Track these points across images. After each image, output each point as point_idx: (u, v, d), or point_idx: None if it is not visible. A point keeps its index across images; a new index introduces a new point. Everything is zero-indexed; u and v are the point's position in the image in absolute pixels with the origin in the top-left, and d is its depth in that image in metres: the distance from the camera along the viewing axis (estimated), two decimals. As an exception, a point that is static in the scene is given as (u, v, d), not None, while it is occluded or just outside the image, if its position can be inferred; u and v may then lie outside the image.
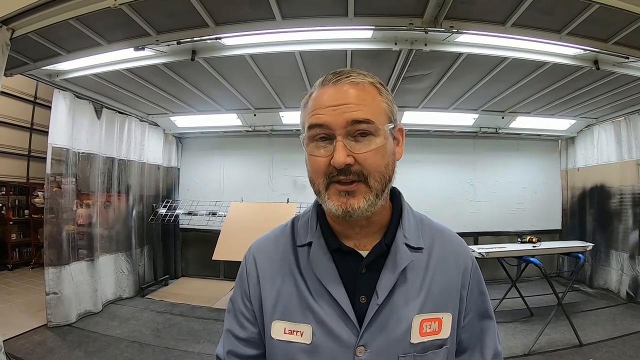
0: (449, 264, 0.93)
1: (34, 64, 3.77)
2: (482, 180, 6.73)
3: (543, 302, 5.09)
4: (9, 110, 6.71)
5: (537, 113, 5.65)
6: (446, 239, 0.98)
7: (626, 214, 5.52)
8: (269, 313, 0.91)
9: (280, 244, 0.97)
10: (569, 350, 3.95)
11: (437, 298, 0.89)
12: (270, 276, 0.94)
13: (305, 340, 0.87)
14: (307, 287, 0.90)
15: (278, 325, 0.90)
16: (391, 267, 0.88)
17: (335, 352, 0.85)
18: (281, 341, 0.89)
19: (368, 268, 0.89)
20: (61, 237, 4.59)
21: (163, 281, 6.53)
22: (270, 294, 0.92)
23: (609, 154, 5.85)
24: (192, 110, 5.75)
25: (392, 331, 0.85)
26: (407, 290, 0.88)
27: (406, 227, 0.92)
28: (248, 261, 0.98)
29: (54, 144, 4.50)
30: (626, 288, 5.41)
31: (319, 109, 0.82)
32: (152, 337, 4.27)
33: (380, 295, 0.86)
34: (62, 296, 4.48)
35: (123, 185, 5.70)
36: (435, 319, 0.88)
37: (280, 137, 6.61)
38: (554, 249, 4.76)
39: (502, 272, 5.01)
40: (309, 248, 0.92)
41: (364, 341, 0.85)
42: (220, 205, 6.26)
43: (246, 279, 0.96)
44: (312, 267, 0.90)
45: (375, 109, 0.83)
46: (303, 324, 0.88)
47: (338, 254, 0.90)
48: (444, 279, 0.91)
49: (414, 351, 0.86)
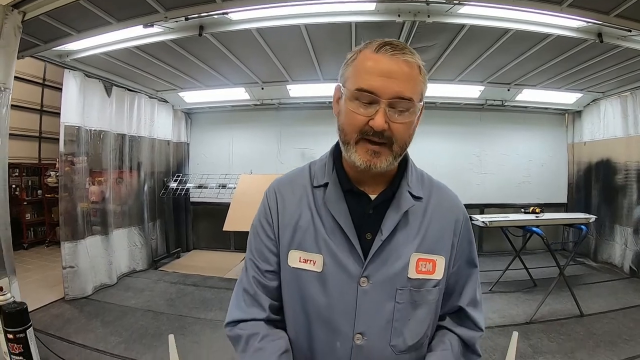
0: (443, 214, 1.05)
1: (44, 45, 3.83)
2: (488, 153, 6.75)
3: (547, 274, 5.15)
4: (18, 94, 6.77)
5: (543, 86, 5.63)
6: (442, 193, 1.10)
7: (631, 188, 5.53)
8: (287, 243, 1.03)
9: (299, 183, 1.09)
10: (570, 320, 4.04)
11: (431, 241, 1.01)
12: (289, 210, 1.05)
13: (317, 269, 1.00)
14: (321, 222, 1.01)
15: (294, 255, 1.02)
16: (395, 209, 1.00)
17: (342, 281, 0.98)
18: (296, 269, 1.02)
19: (375, 209, 1.01)
20: (76, 214, 4.73)
21: (175, 254, 6.72)
22: (289, 226, 1.04)
23: (615, 128, 5.82)
24: (200, 86, 5.81)
25: (392, 265, 0.98)
26: (407, 231, 1.00)
27: (410, 179, 1.04)
28: (270, 197, 1.10)
29: (66, 122, 4.59)
30: (629, 263, 5.45)
31: (373, 75, 0.90)
32: (166, 306, 4.44)
33: (384, 232, 0.98)
34: (78, 270, 4.64)
35: (134, 161, 5.82)
36: (430, 260, 1.01)
37: (288, 110, 6.66)
38: (557, 220, 4.80)
39: (506, 244, 5.08)
40: (324, 188, 1.04)
41: (367, 273, 0.97)
42: (229, 178, 6.40)
43: (269, 212, 1.08)
44: (327, 205, 1.02)
45: (415, 88, 0.92)
46: (316, 254, 1.00)
47: (350, 195, 1.02)
48: (438, 225, 1.03)
49: (410, 286, 0.99)
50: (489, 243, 6.65)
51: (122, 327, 3.92)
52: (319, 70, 5.01)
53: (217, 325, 3.92)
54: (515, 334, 0.72)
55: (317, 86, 5.69)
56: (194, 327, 3.91)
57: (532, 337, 3.70)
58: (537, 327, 3.92)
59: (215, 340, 3.59)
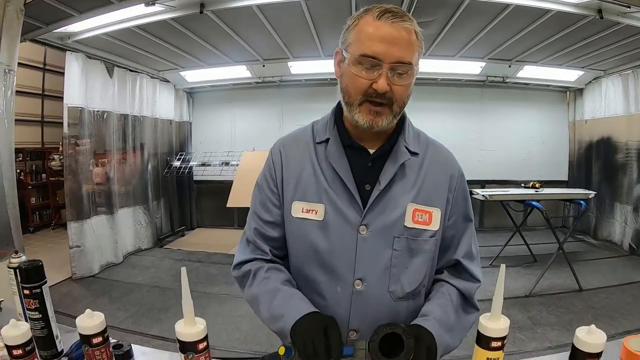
0: (438, 169, 1.11)
1: (46, 27, 3.85)
2: (489, 129, 6.76)
3: (547, 249, 5.19)
4: (20, 79, 6.71)
5: (545, 63, 5.61)
6: (438, 150, 1.16)
7: (631, 167, 5.54)
8: (290, 195, 1.09)
9: (302, 140, 1.15)
10: (568, 294, 4.12)
11: (427, 194, 1.07)
12: (293, 165, 1.11)
13: (319, 218, 1.06)
14: (323, 175, 1.08)
15: (297, 205, 1.08)
16: (392, 161, 1.06)
17: (342, 229, 1.04)
18: (299, 218, 1.08)
19: (373, 163, 1.07)
20: (81, 194, 4.80)
21: (180, 232, 6.84)
22: (292, 179, 1.10)
23: (616, 106, 5.80)
24: (201, 64, 5.82)
25: (390, 214, 1.04)
26: (404, 183, 1.06)
27: (407, 135, 1.10)
28: (274, 153, 1.16)
29: (69, 104, 4.61)
30: (629, 240, 5.50)
31: (375, 42, 0.94)
32: (171, 282, 4.54)
33: (382, 183, 1.04)
34: (84, 249, 4.72)
35: (137, 141, 5.87)
36: (426, 211, 1.06)
37: (289, 88, 6.67)
38: (556, 195, 4.84)
39: (507, 220, 5.14)
40: (326, 144, 1.10)
41: (366, 221, 1.03)
42: (232, 155, 6.48)
43: (273, 167, 1.14)
44: (328, 158, 1.08)
45: (414, 53, 0.97)
46: (318, 204, 1.06)
47: (350, 149, 1.08)
48: (434, 180, 1.09)
49: (407, 234, 1.05)
50: (490, 219, 6.72)
51: (129, 303, 4.02)
52: (320, 47, 5.01)
53: (223, 298, 4.02)
54: (503, 266, 0.76)
55: (318, 63, 5.69)
56: (200, 300, 3.92)
57: (531, 309, 3.78)
58: (537, 300, 4.01)
59: (221, 313, 3.67)
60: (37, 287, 1.06)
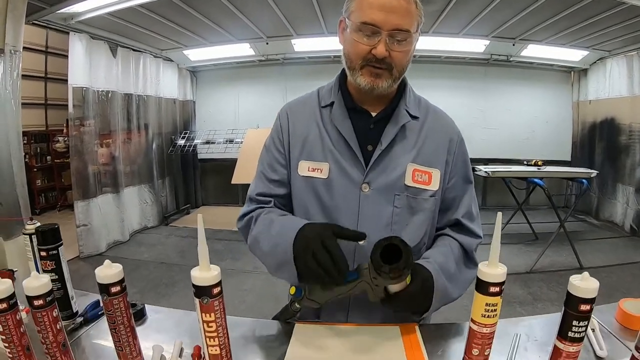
0: (438, 132, 1.17)
1: (50, 8, 3.84)
2: (492, 108, 6.73)
3: (549, 228, 5.21)
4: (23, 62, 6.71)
5: (549, 42, 5.56)
6: (438, 115, 1.21)
7: (634, 148, 5.52)
8: (297, 155, 1.16)
9: (308, 104, 1.21)
10: (569, 271, 4.05)
11: (427, 156, 1.13)
12: (299, 127, 1.18)
13: (323, 176, 1.12)
14: (328, 136, 1.14)
15: (303, 164, 1.15)
16: (393, 123, 1.12)
17: (346, 187, 1.11)
18: (305, 177, 1.14)
19: (375, 125, 1.13)
20: (87, 174, 4.83)
21: (185, 210, 6.92)
22: (299, 140, 1.16)
23: (620, 87, 5.75)
24: (204, 43, 5.81)
25: (391, 173, 1.10)
26: (404, 144, 1.12)
27: (407, 100, 1.16)
28: (282, 116, 1.23)
29: (74, 84, 4.61)
30: (630, 221, 5.52)
31: (374, 10, 0.99)
32: (178, 258, 4.64)
33: (384, 143, 1.10)
34: (91, 227, 4.79)
35: (142, 121, 5.89)
36: (426, 172, 1.12)
37: (293, 65, 6.65)
38: (559, 172, 4.86)
39: (509, 198, 5.18)
40: (330, 108, 1.16)
41: (368, 179, 1.10)
42: (236, 133, 6.51)
43: (280, 129, 1.20)
44: (332, 121, 1.14)
45: (412, 21, 1.02)
46: (323, 163, 1.13)
47: (353, 112, 1.15)
48: (433, 142, 1.15)
49: (407, 192, 1.10)
50: (492, 197, 6.76)
51: (137, 279, 4.09)
52: (323, 24, 4.98)
53: (229, 273, 4.09)
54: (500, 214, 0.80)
55: (322, 40, 5.66)
56: (206, 276, 4.04)
57: (532, 285, 3.85)
58: (537, 276, 4.08)
59: (227, 287, 3.67)
60: (53, 249, 1.10)
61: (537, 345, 0.98)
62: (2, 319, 0.75)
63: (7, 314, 0.75)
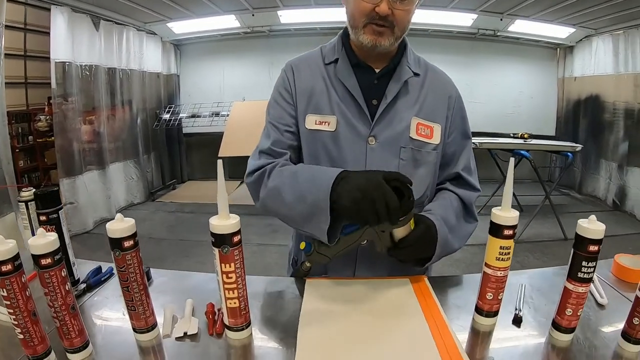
0: (438, 89, 1.20)
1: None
2: (479, 82, 6.75)
3: (534, 201, 5.25)
4: None
5: (536, 18, 5.59)
6: (437, 73, 1.25)
7: (618, 125, 5.60)
8: (304, 108, 1.16)
9: (312, 61, 1.22)
10: (554, 242, 4.30)
11: (429, 110, 1.16)
12: (305, 81, 1.18)
13: (331, 129, 1.13)
14: (334, 90, 1.15)
15: (311, 118, 1.15)
16: (396, 79, 1.15)
17: (352, 140, 1.12)
18: (313, 130, 1.15)
19: (379, 80, 1.15)
20: (72, 151, 4.75)
21: (171, 185, 6.89)
22: (305, 94, 1.17)
23: (605, 65, 5.81)
24: (189, 14, 5.70)
25: (396, 126, 1.12)
26: (407, 99, 1.15)
27: (408, 58, 1.19)
28: (287, 70, 1.23)
29: (56, 59, 4.50)
30: (613, 196, 5.64)
31: None
32: (166, 233, 4.61)
33: (388, 97, 1.13)
34: (78, 205, 4.75)
35: (126, 95, 5.78)
36: (428, 126, 1.15)
37: (279, 38, 6.57)
38: (544, 145, 4.94)
39: (495, 172, 5.24)
40: (335, 64, 1.18)
41: (374, 132, 1.12)
42: (222, 106, 6.48)
43: (287, 82, 1.20)
44: (338, 75, 1.16)
45: None
46: (330, 116, 1.14)
47: (357, 68, 1.16)
48: (434, 98, 1.18)
49: (412, 145, 1.13)
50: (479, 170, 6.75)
51: (127, 255, 4.04)
52: (311, -5, 4.90)
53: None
54: (512, 160, 0.83)
55: (309, 11, 5.60)
56: (196, 249, 4.06)
57: (518, 255, 3.92)
58: (523, 246, 4.17)
59: None
60: (54, 212, 1.07)
61: (541, 294, 1.04)
62: (6, 282, 0.68)
63: (11, 276, 0.68)
